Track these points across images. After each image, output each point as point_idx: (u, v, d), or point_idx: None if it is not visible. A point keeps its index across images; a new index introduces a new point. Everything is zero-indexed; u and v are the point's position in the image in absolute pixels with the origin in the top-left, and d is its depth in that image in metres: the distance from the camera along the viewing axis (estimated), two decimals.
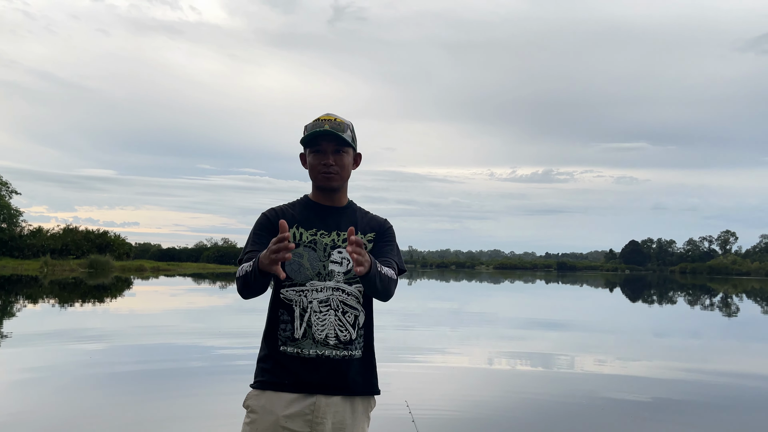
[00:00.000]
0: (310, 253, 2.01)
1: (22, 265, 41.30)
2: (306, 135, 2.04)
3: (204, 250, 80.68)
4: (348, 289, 2.01)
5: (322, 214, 2.09)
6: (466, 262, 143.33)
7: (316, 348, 1.95)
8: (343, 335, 1.98)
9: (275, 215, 2.08)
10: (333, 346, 1.96)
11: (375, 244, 2.12)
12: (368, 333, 2.08)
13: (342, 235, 2.05)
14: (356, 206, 2.20)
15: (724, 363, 9.09)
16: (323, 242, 2.02)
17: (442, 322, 13.63)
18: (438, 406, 5.52)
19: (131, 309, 15.91)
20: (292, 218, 2.06)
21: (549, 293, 32.29)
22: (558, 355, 9.07)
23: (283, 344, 1.96)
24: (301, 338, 1.95)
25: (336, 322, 1.98)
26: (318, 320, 1.96)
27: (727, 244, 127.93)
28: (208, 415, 5.07)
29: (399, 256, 2.16)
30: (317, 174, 2.05)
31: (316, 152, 2.04)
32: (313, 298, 1.97)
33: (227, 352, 8.49)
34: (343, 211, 2.12)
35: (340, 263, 2.02)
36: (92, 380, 6.47)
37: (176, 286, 29.13)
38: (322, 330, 1.96)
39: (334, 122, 2.02)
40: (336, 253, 2.02)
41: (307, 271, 1.99)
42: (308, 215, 2.08)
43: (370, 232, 2.12)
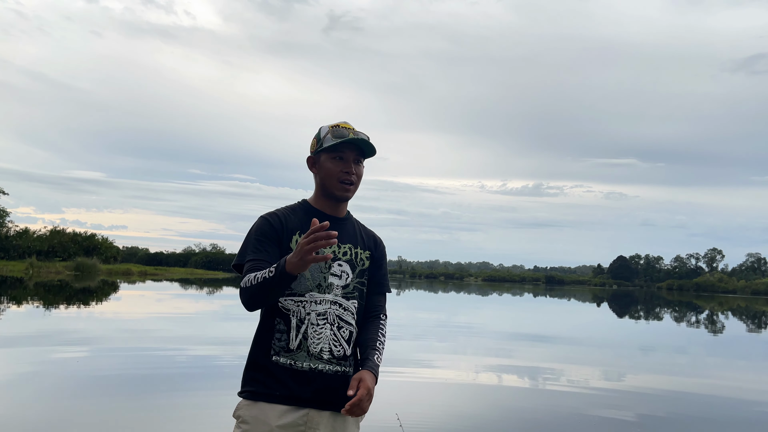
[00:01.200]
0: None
1: (7, 266, 40.83)
2: (333, 141, 1.96)
3: (192, 255, 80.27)
4: (345, 303, 1.99)
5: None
6: (455, 274, 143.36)
7: (309, 361, 1.91)
8: (337, 350, 1.95)
9: (278, 221, 1.98)
10: (326, 361, 1.93)
11: (371, 265, 2.12)
12: (355, 348, 2.07)
13: (342, 247, 2.03)
14: (354, 219, 2.18)
15: (709, 380, 9.14)
16: (324, 253, 1.95)
17: (430, 334, 13.61)
18: (427, 418, 5.50)
19: (117, 313, 15.75)
20: (294, 225, 1.99)
21: (537, 306, 32.36)
22: (545, 369, 9.07)
23: (276, 354, 1.91)
24: (296, 350, 1.91)
25: (332, 336, 1.94)
26: (314, 333, 1.92)
27: (713, 262, 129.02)
28: (192, 421, 5.03)
29: (387, 277, 2.20)
30: (336, 182, 1.98)
31: (338, 159, 1.98)
32: (311, 310, 1.93)
33: (213, 358, 8.42)
34: (344, 223, 2.08)
35: (340, 276, 1.99)
36: (75, 385, 6.39)
37: (163, 291, 28.89)
38: (318, 344, 1.92)
39: (357, 132, 1.99)
40: (336, 266, 2.00)
41: (307, 282, 1.94)
42: (309, 224, 1.98)
43: (367, 249, 2.11)
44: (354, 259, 2.04)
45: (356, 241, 2.08)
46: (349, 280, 2.01)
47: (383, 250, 2.19)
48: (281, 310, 1.93)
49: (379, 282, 2.15)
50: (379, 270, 2.16)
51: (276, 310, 1.94)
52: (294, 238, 1.97)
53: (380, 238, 2.21)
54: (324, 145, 1.99)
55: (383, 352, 2.04)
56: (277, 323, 1.93)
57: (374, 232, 2.21)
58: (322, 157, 2.01)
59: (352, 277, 2.02)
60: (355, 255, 2.05)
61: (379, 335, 2.06)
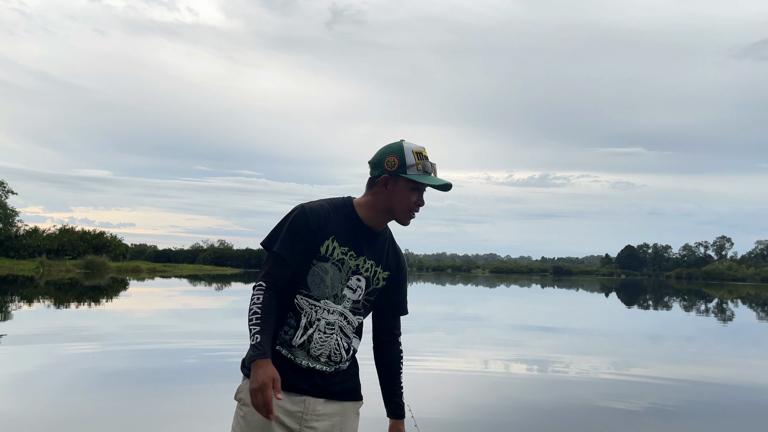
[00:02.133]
0: (335, 272, 1.98)
1: (17, 265, 41.18)
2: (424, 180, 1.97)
3: (200, 252, 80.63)
4: (351, 318, 2.03)
5: (359, 235, 2.02)
6: (462, 266, 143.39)
7: (308, 360, 1.97)
8: (335, 357, 2.01)
9: (316, 220, 1.96)
10: (324, 363, 2.00)
11: (388, 284, 2.12)
12: (354, 353, 2.13)
13: (367, 263, 2.03)
14: (388, 233, 2.16)
15: (719, 368, 9.13)
16: (349, 264, 1.99)
17: (439, 327, 13.65)
18: (439, 410, 5.54)
19: (128, 310, 15.88)
20: (331, 228, 1.98)
21: (545, 297, 32.35)
22: (555, 360, 9.10)
23: (280, 344, 1.97)
24: (297, 347, 1.96)
25: (334, 345, 2.00)
26: (319, 339, 1.97)
27: (722, 250, 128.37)
28: (204, 414, 5.08)
29: (406, 299, 2.23)
30: (406, 211, 2.01)
31: (417, 191, 2.00)
32: (322, 317, 1.97)
33: (222, 351, 8.49)
34: (378, 238, 2.08)
35: (354, 290, 2.02)
36: (88, 381, 6.47)
37: (172, 287, 29.08)
38: (319, 349, 1.97)
39: (434, 165, 2.02)
40: (354, 280, 2.01)
41: (326, 289, 1.97)
42: (348, 231, 2.00)
43: (387, 270, 2.10)
44: (372, 277, 2.05)
45: (380, 259, 2.08)
46: (360, 296, 2.03)
47: (405, 273, 2.19)
48: (296, 307, 1.97)
49: (398, 304, 2.18)
50: (399, 292, 2.17)
51: (291, 305, 1.97)
52: (326, 243, 1.96)
53: (405, 261, 2.21)
54: (409, 175, 1.96)
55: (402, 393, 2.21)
56: (289, 317, 1.97)
57: (402, 254, 2.20)
58: (401, 182, 1.97)
59: (363, 294, 2.04)
60: (374, 273, 2.06)
61: (400, 364, 2.20)
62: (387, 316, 2.16)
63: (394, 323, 2.18)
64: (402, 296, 2.18)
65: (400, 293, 2.17)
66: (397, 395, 2.17)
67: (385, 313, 2.16)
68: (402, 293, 2.18)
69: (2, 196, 49.68)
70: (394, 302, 2.16)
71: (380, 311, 2.16)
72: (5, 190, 50.06)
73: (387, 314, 2.16)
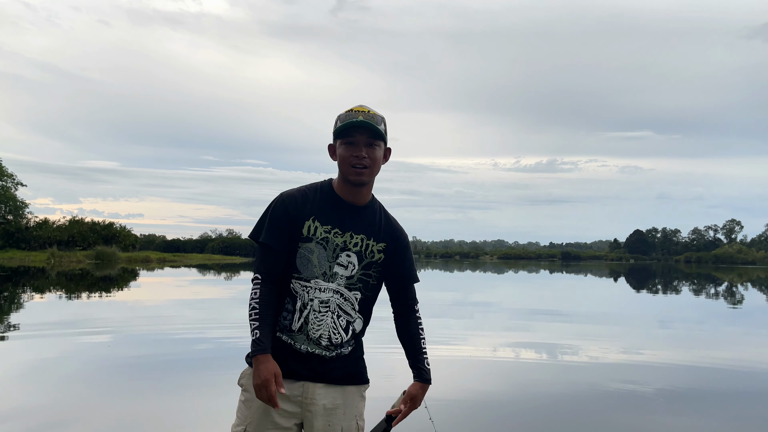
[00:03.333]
0: (320, 251, 2.00)
1: (28, 256, 41.57)
2: (340, 125, 1.98)
3: (209, 242, 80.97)
4: (346, 294, 2.03)
5: (342, 212, 2.04)
6: (470, 252, 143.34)
7: (308, 345, 1.99)
8: (335, 338, 2.01)
9: (294, 205, 2.01)
10: (324, 347, 2.00)
11: (388, 256, 2.11)
12: (360, 335, 2.12)
13: (355, 237, 2.04)
14: (377, 205, 2.15)
15: (729, 352, 9.12)
16: (335, 242, 2.01)
17: (448, 313, 13.69)
18: (449, 394, 5.58)
19: (139, 300, 16.02)
20: (311, 209, 2.02)
21: (553, 283, 32.32)
22: (564, 344, 9.12)
23: (280, 331, 2.01)
24: (297, 332, 1.99)
25: (332, 324, 2.00)
26: (315, 319, 1.99)
27: (732, 234, 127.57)
28: (215, 401, 5.15)
29: (413, 267, 2.23)
30: (348, 167, 2.00)
31: (349, 144, 1.99)
32: (315, 297, 1.99)
33: (233, 341, 8.56)
34: (363, 212, 2.08)
35: (345, 267, 2.02)
36: (101, 369, 6.55)
37: (182, 277, 29.28)
38: (317, 330, 1.99)
39: (368, 114, 1.99)
40: (344, 256, 2.02)
41: (314, 269, 1.99)
42: (328, 209, 2.03)
43: (382, 241, 2.09)
44: (364, 251, 2.05)
45: (371, 232, 2.07)
46: (354, 272, 2.04)
47: (405, 242, 2.18)
48: (291, 292, 2.01)
49: (404, 275, 2.18)
50: (403, 262, 2.17)
51: (287, 291, 2.01)
52: (307, 224, 2.00)
53: (402, 230, 2.18)
54: (334, 131, 2.02)
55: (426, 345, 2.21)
56: (287, 303, 2.01)
57: (396, 223, 2.18)
58: (337, 143, 2.03)
59: (357, 269, 2.04)
60: (366, 247, 2.06)
61: (419, 331, 2.21)
62: (398, 287, 2.19)
63: (407, 293, 2.21)
64: (407, 265, 2.18)
65: (405, 262, 2.17)
66: (419, 360, 2.18)
67: (396, 284, 2.19)
68: (407, 262, 2.18)
69: (12, 188, 50.06)
70: (401, 272, 2.17)
71: (391, 283, 2.18)
72: (15, 182, 50.43)
73: (397, 285, 2.19)
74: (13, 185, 50.24)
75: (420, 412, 2.22)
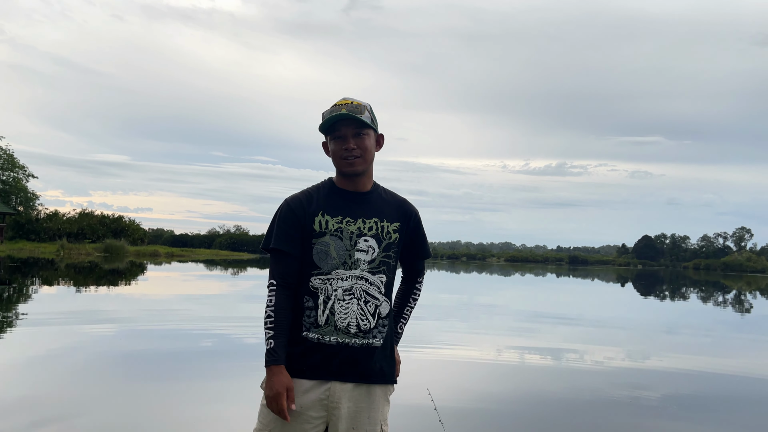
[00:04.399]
0: (337, 241, 2.00)
1: (39, 248, 41.89)
2: (324, 121, 2.02)
3: (217, 237, 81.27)
4: (372, 278, 2.03)
5: (348, 201, 2.06)
6: (477, 254, 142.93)
7: (337, 335, 1.97)
8: (363, 324, 1.99)
9: (299, 206, 2.04)
10: (353, 335, 1.98)
11: (403, 235, 2.13)
12: (390, 323, 2.10)
13: (368, 222, 2.05)
14: (381, 189, 2.17)
15: (735, 360, 9.08)
16: (349, 230, 2.02)
17: (454, 315, 13.70)
18: (457, 394, 5.59)
19: (147, 294, 16.12)
20: (317, 205, 2.04)
21: (560, 287, 32.22)
22: (569, 349, 9.10)
23: (307, 330, 1.98)
24: (324, 325, 1.97)
25: (358, 310, 1.99)
26: (341, 308, 1.97)
27: (742, 241, 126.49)
28: (222, 395, 5.18)
29: (426, 243, 2.26)
30: (340, 160, 2.03)
31: (337, 138, 2.02)
32: (338, 287, 1.98)
33: (239, 336, 8.61)
34: (369, 197, 2.10)
35: (366, 251, 2.03)
36: (105, 362, 6.61)
37: (190, 272, 29.42)
38: (345, 318, 1.97)
39: (351, 105, 2.00)
40: (362, 241, 2.03)
41: (333, 260, 2.00)
42: (333, 201, 2.05)
43: (396, 221, 2.11)
44: (380, 233, 2.06)
45: (383, 214, 2.09)
46: (375, 255, 2.04)
47: (417, 218, 2.19)
48: (310, 289, 2.00)
49: (417, 251, 2.23)
50: (416, 239, 2.20)
51: (305, 290, 2.00)
52: (317, 220, 2.02)
53: (412, 206, 2.20)
54: (320, 129, 2.06)
55: (411, 314, 2.28)
56: (306, 301, 2.00)
57: (405, 201, 2.20)
58: (327, 139, 2.07)
59: (379, 252, 2.04)
60: (382, 229, 2.07)
61: (411, 300, 2.27)
62: (410, 261, 2.25)
63: (417, 266, 2.27)
64: (421, 241, 2.22)
65: (418, 239, 2.21)
66: (396, 323, 2.23)
67: (408, 259, 2.23)
68: (419, 238, 2.21)
69: (23, 179, 50.50)
70: (414, 247, 2.20)
71: (404, 258, 2.22)
72: (26, 174, 50.87)
73: (410, 259, 2.24)
74: (25, 177, 50.74)
75: (430, 416, 2.23)
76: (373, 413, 2.01)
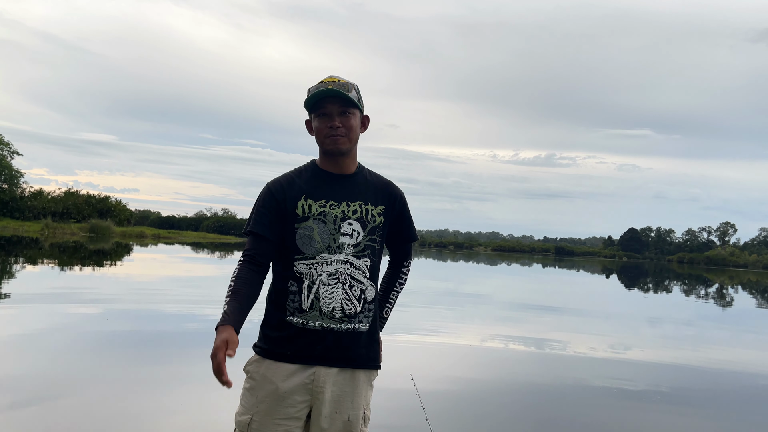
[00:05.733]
0: (320, 225, 1.98)
1: (23, 226, 41.44)
2: (309, 97, 1.97)
3: (204, 220, 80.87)
4: (356, 262, 2.00)
5: (331, 184, 2.03)
6: (464, 243, 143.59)
7: (322, 320, 1.95)
8: (348, 309, 1.98)
9: (280, 190, 2.01)
10: (338, 320, 1.96)
11: (388, 218, 2.11)
12: (375, 307, 2.08)
13: (352, 205, 2.02)
14: (366, 171, 2.15)
15: (716, 353, 9.21)
16: (333, 214, 1.99)
17: (440, 302, 13.75)
18: (439, 379, 5.63)
19: (132, 275, 16.02)
20: (299, 189, 2.02)
21: (546, 277, 32.47)
22: (553, 338, 9.18)
23: (291, 314, 1.97)
24: (309, 309, 1.95)
25: (343, 295, 1.97)
26: (326, 293, 1.96)
27: (726, 236, 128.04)
28: (207, 379, 5.17)
29: (412, 226, 2.24)
30: (323, 138, 1.99)
31: (322, 115, 1.98)
32: (322, 271, 1.96)
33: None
34: (353, 179, 2.07)
35: (351, 235, 2.00)
36: (90, 343, 6.57)
37: (176, 254, 29.27)
38: (330, 303, 1.96)
39: (338, 83, 1.96)
40: (346, 225, 2.00)
41: (317, 245, 1.97)
42: (316, 185, 2.03)
43: (380, 204, 2.08)
44: (365, 216, 2.04)
45: (367, 197, 2.06)
46: (360, 239, 2.01)
47: (402, 200, 2.17)
48: (295, 274, 1.98)
49: (403, 234, 2.21)
50: (402, 222, 2.19)
51: (290, 274, 1.98)
52: (299, 204, 1.99)
53: (397, 188, 2.17)
54: (305, 104, 2.01)
55: (397, 299, 2.27)
56: (291, 285, 1.98)
57: (390, 183, 2.17)
58: (311, 117, 2.04)
59: (363, 236, 2.02)
60: (366, 212, 2.04)
61: (397, 285, 2.26)
62: (396, 245, 2.24)
63: (403, 250, 2.26)
64: (407, 224, 2.21)
65: (404, 222, 2.19)
66: (382, 308, 2.22)
67: (395, 242, 2.22)
68: (405, 221, 2.20)
69: (8, 156, 49.77)
70: (401, 230, 2.19)
71: (390, 241, 2.20)
72: (11, 150, 50.12)
73: (395, 243, 2.23)
74: (9, 154, 49.95)
75: (412, 401, 2.23)
76: (357, 397, 2.00)
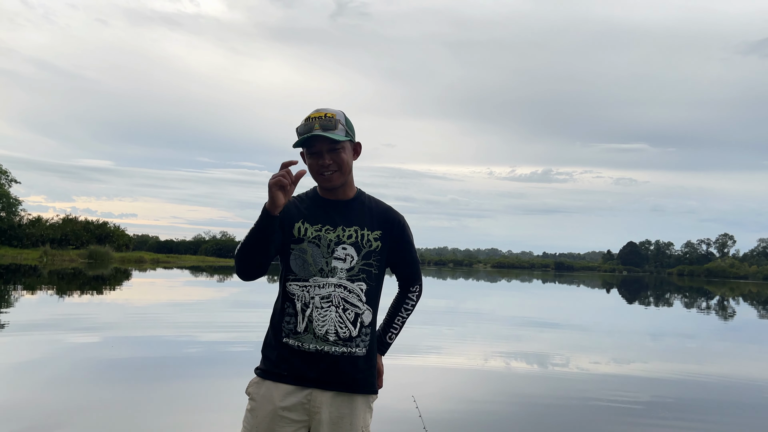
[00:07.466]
0: (314, 249, 2.01)
1: (21, 254, 41.28)
2: (297, 140, 1.99)
3: (202, 243, 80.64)
4: (350, 286, 2.02)
5: (328, 209, 2.07)
6: (463, 260, 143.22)
7: (316, 343, 1.97)
8: (343, 332, 1.99)
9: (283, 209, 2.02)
10: (332, 342, 1.97)
11: (385, 244, 2.10)
12: (373, 332, 2.09)
13: (348, 230, 2.05)
14: (365, 197, 2.16)
15: (719, 365, 9.17)
16: (327, 238, 2.02)
17: (441, 321, 13.71)
18: (442, 401, 5.60)
19: (131, 300, 15.95)
20: (299, 212, 2.05)
21: (546, 293, 32.38)
22: (555, 355, 9.14)
23: (287, 336, 2.00)
24: (303, 332, 1.98)
25: (337, 318, 1.98)
26: (319, 316, 1.98)
27: (725, 248, 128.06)
28: (208, 403, 5.14)
29: (413, 251, 2.24)
30: (317, 176, 2.03)
31: (312, 154, 2.01)
32: (315, 294, 1.99)
33: (224, 343, 8.55)
34: (350, 205, 2.10)
35: (344, 260, 2.02)
36: (91, 370, 6.53)
37: (175, 278, 29.17)
38: (323, 326, 1.97)
39: (324, 119, 1.96)
40: (340, 250, 2.02)
41: (310, 267, 2.00)
42: (314, 210, 2.07)
43: (377, 229, 2.09)
44: (360, 241, 2.05)
45: (363, 222, 2.08)
46: (354, 263, 2.03)
47: (401, 225, 2.16)
48: (289, 295, 2.01)
49: (404, 258, 2.21)
50: (402, 246, 2.18)
51: (286, 294, 2.02)
52: (296, 225, 2.03)
53: (396, 213, 2.17)
54: (294, 147, 2.03)
55: (404, 324, 2.26)
56: (287, 307, 2.01)
57: (390, 208, 2.17)
58: (303, 153, 2.07)
59: (358, 260, 2.04)
60: (361, 237, 2.06)
61: (403, 310, 2.25)
62: (398, 270, 2.24)
63: (406, 275, 2.25)
64: (407, 248, 2.19)
65: (404, 246, 2.18)
66: (385, 333, 2.22)
67: (396, 267, 2.23)
68: (405, 245, 2.18)
69: (5, 185, 49.77)
70: (400, 255, 2.18)
71: (391, 266, 2.22)
72: (8, 179, 50.13)
73: (397, 268, 2.23)
74: (7, 182, 49.94)
75: (414, 424, 2.24)
76: (355, 420, 2.01)
